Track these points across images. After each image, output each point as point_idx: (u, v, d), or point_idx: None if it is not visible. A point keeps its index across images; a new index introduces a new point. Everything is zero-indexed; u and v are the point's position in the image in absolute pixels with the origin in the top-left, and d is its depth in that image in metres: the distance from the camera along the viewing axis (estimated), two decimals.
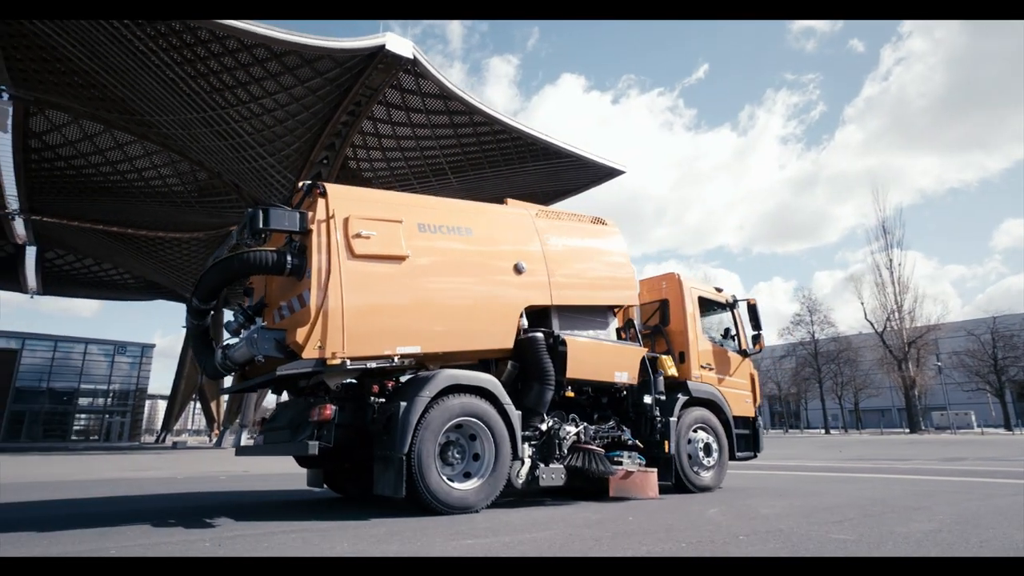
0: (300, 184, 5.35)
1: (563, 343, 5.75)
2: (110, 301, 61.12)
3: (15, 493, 7.48)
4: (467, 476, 4.99)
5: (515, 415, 5.23)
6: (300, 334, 4.51)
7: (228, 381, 5.92)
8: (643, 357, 6.50)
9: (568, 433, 5.77)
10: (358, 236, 4.86)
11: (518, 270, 5.73)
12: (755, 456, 7.62)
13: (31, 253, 43.53)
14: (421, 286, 5.16)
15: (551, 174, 33.46)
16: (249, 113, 26.84)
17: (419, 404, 4.68)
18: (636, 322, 6.84)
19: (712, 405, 7.13)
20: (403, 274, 5.06)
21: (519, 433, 5.23)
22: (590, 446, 5.85)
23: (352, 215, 4.93)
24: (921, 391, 45.65)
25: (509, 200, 6.49)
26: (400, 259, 5.05)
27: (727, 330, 7.81)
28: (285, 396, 5.91)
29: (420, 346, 4.98)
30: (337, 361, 4.54)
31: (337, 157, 31.88)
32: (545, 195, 36.68)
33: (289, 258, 4.82)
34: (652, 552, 3.34)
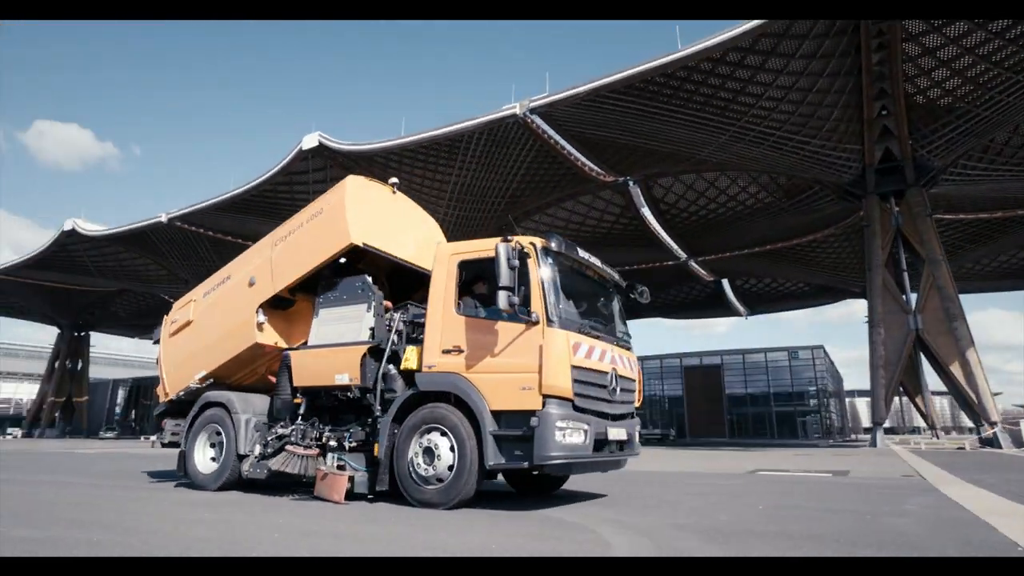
0: None
1: (287, 356, 6.65)
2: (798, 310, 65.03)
3: None
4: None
5: (239, 420, 6.74)
6: (159, 388, 8.09)
7: None
8: (364, 353, 5.92)
9: (274, 435, 6.48)
10: (171, 323, 8.18)
11: (251, 283, 7.12)
12: (529, 467, 5.00)
13: (726, 284, 53.69)
14: (202, 332, 7.61)
15: None
16: (763, 112, 26.97)
17: (190, 415, 7.34)
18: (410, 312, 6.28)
19: (453, 399, 5.27)
20: (192, 331, 7.80)
21: (241, 435, 6.66)
22: (294, 448, 6.17)
23: (172, 311, 8.26)
24: None
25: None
26: (188, 323, 7.86)
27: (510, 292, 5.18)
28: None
29: (205, 369, 7.38)
30: (170, 397, 7.76)
31: (897, 101, 26.79)
32: None
33: None
34: None
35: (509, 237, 5.42)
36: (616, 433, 5.69)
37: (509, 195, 36.51)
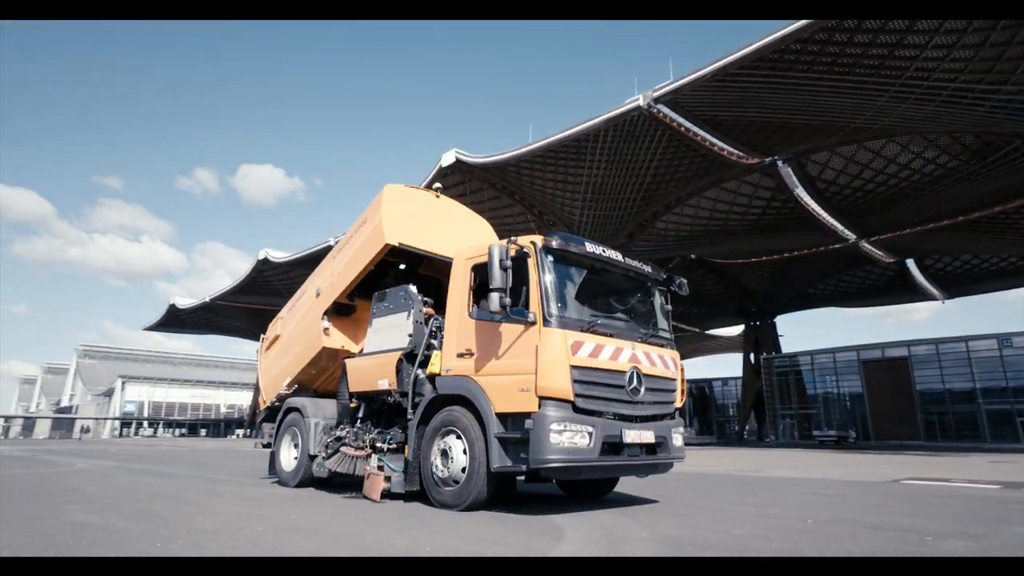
0: None
1: (344, 364, 7.07)
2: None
3: None
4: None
5: (309, 424, 7.24)
6: (260, 397, 8.82)
7: None
8: (400, 359, 6.14)
9: (333, 437, 6.87)
10: (265, 340, 9.01)
11: (317, 294, 7.67)
12: (525, 471, 4.94)
13: (911, 265, 47.04)
14: (287, 344, 8.24)
15: None
16: (930, 64, 23.28)
17: (277, 419, 8.09)
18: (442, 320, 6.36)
19: (466, 402, 5.29)
20: (280, 344, 8.53)
21: (311, 438, 7.17)
22: (347, 449, 6.55)
23: (268, 330, 9.05)
24: None
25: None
26: (277, 338, 8.64)
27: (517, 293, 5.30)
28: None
29: (290, 376, 7.96)
30: (267, 404, 8.54)
31: None
32: None
33: None
34: None
35: (513, 239, 5.39)
36: (637, 436, 5.36)
37: (644, 190, 35.42)
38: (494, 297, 5.03)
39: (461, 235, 7.46)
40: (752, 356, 53.72)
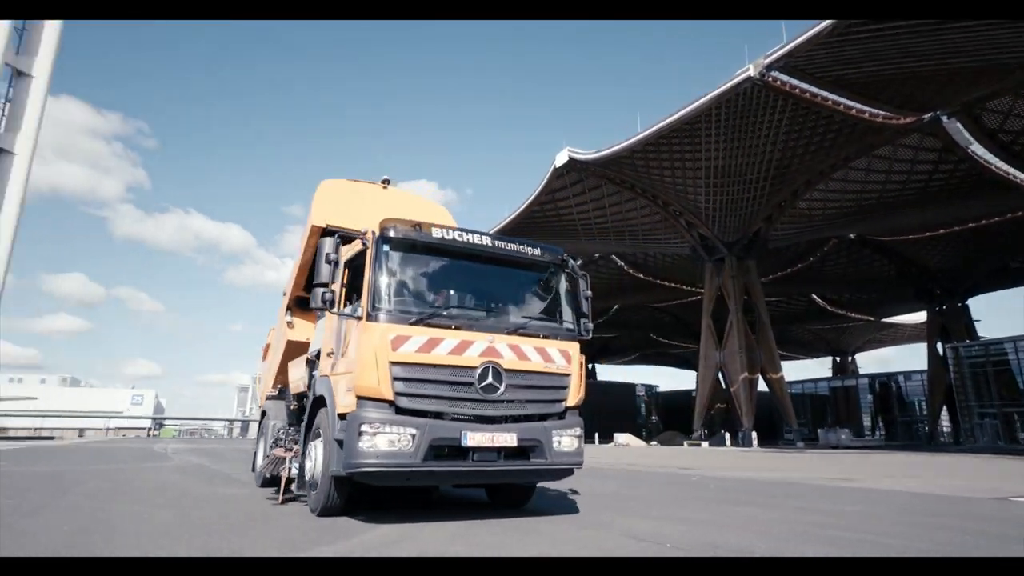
0: None
1: (287, 367, 7.10)
2: None
3: None
4: None
5: (268, 426, 7.38)
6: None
7: None
8: (308, 359, 5.99)
9: (272, 439, 6.86)
10: (262, 350, 9.31)
11: (284, 293, 7.80)
12: (344, 473, 4.51)
13: None
14: (272, 349, 8.45)
15: None
16: None
17: (259, 421, 8.39)
18: None
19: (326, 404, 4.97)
20: (270, 350, 8.77)
21: (269, 439, 7.24)
22: (277, 450, 6.51)
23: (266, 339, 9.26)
24: None
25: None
26: (268, 345, 8.94)
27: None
28: None
29: (273, 378, 8.18)
30: (260, 408, 8.72)
31: None
32: None
33: None
34: None
35: (364, 231, 5.09)
36: (488, 439, 4.63)
37: (774, 168, 32.15)
38: (316, 292, 4.73)
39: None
40: (940, 345, 46.20)
